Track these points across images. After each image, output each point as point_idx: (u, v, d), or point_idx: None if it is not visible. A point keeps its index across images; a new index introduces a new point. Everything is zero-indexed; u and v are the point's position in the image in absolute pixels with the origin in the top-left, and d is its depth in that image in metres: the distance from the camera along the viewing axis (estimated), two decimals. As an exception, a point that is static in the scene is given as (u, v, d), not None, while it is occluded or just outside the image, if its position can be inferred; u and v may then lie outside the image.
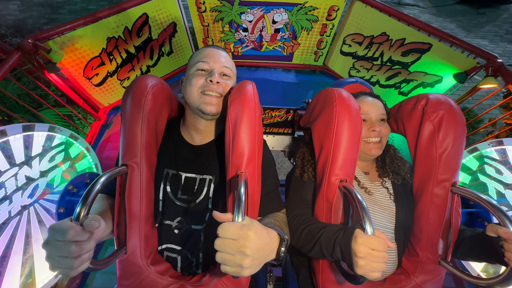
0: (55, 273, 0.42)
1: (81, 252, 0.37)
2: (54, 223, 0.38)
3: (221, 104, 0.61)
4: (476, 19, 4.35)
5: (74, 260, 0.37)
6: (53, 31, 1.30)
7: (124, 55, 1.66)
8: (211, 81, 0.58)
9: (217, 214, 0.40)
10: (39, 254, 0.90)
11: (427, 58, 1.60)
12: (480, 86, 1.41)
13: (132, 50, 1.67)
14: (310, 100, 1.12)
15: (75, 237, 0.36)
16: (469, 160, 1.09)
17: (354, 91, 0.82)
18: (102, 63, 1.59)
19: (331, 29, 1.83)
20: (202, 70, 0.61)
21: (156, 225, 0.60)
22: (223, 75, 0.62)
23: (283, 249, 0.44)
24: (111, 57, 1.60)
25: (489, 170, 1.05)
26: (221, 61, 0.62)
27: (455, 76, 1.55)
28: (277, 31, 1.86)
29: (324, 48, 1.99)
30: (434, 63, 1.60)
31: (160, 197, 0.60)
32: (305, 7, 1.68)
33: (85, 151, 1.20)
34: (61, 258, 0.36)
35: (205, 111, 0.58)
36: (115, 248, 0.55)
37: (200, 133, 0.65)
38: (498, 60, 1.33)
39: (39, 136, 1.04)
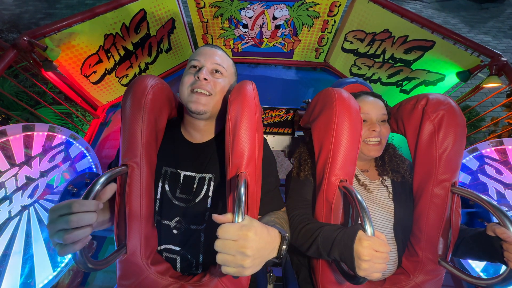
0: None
1: (80, 223, 0.37)
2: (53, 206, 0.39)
3: (212, 104, 0.59)
4: (479, 15, 4.29)
5: (73, 231, 0.37)
6: (49, 28, 1.28)
7: (122, 52, 1.63)
8: (198, 77, 0.57)
9: (216, 217, 0.40)
10: (39, 254, 0.91)
11: (430, 55, 1.58)
12: (484, 85, 1.39)
13: (130, 47, 1.64)
14: (310, 100, 1.11)
15: (74, 209, 0.37)
16: (469, 160, 1.09)
17: (355, 91, 0.81)
18: (100, 61, 1.57)
19: (333, 25, 1.80)
20: (193, 67, 0.61)
21: (155, 224, 0.60)
22: (215, 71, 0.61)
23: (284, 247, 0.44)
24: (108, 55, 1.58)
25: (489, 170, 1.04)
26: (213, 59, 0.61)
27: (458, 74, 1.52)
28: (277, 27, 1.83)
29: (325, 45, 1.96)
30: (437, 61, 1.57)
31: (158, 196, 0.60)
32: (306, 2, 1.65)
33: (85, 151, 1.20)
34: (60, 231, 0.37)
35: (191, 109, 0.58)
36: (116, 248, 0.55)
37: (199, 131, 0.64)
38: (502, 59, 1.31)
39: (39, 136, 1.04)
